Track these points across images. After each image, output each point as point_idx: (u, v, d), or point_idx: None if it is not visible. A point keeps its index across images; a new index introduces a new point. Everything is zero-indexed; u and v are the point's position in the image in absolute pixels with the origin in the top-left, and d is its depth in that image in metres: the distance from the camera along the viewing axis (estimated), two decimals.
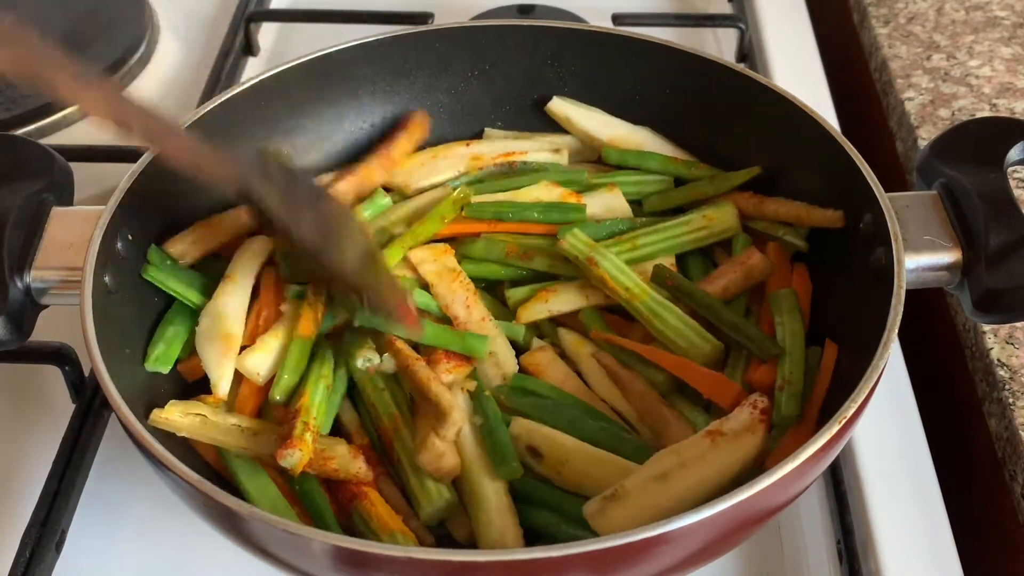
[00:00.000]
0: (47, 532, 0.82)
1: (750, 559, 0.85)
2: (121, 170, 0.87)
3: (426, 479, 0.78)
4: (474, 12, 1.34)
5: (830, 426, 0.67)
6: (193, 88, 1.29)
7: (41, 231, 0.83)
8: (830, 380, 0.81)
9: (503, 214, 0.94)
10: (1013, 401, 0.90)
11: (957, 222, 0.82)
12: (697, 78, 0.98)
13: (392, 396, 0.84)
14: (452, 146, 1.03)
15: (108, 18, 1.34)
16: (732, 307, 0.88)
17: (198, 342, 0.85)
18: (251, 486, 0.78)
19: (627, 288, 0.87)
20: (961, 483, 0.97)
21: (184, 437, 0.79)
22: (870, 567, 0.82)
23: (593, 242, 0.90)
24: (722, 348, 0.84)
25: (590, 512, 0.72)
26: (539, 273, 0.92)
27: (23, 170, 0.86)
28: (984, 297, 0.79)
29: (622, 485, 0.72)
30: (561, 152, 1.02)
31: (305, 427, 0.78)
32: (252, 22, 1.34)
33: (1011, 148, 0.85)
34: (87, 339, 0.75)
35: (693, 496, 0.71)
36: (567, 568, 0.62)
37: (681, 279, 0.88)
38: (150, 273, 0.86)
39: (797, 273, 0.90)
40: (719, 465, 0.74)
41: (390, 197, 0.98)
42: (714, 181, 0.97)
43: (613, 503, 0.71)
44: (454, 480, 0.79)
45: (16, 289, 0.80)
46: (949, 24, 1.32)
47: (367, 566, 0.64)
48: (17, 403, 0.98)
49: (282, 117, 0.99)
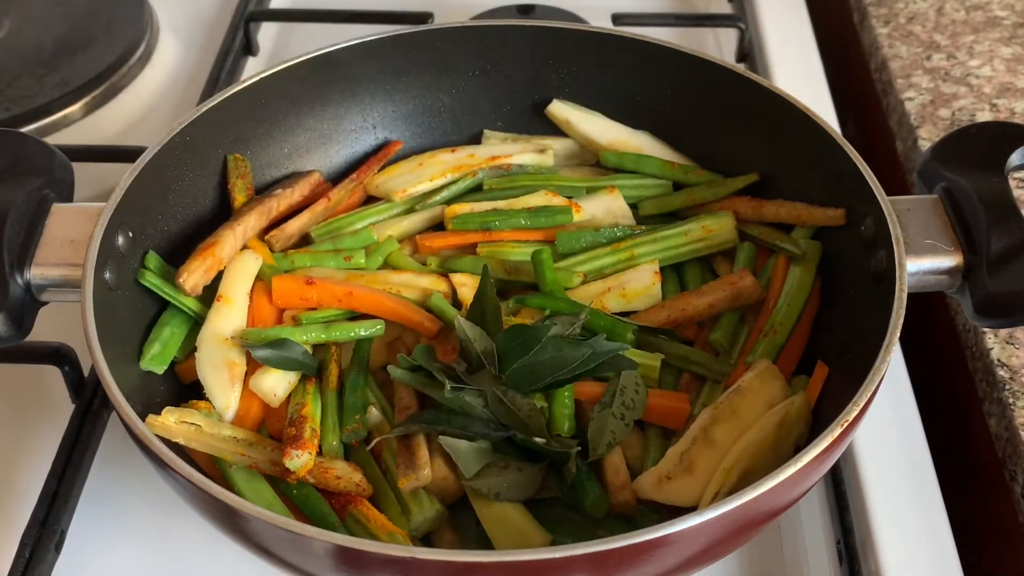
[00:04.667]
0: (47, 532, 0.82)
1: (750, 559, 0.86)
2: (121, 170, 0.87)
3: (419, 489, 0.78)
4: (474, 12, 1.34)
5: (832, 429, 0.67)
6: (193, 88, 1.29)
7: (41, 227, 0.83)
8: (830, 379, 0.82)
9: (490, 224, 0.95)
10: (1013, 401, 0.90)
11: (958, 226, 0.82)
12: (696, 79, 0.99)
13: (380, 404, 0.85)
14: (437, 153, 1.03)
15: (108, 18, 1.34)
16: (725, 316, 0.90)
17: (200, 368, 0.85)
18: (247, 490, 0.78)
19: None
20: (961, 483, 0.97)
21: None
22: (870, 567, 0.82)
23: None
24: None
25: (647, 486, 0.76)
26: (525, 284, 0.93)
27: (23, 166, 0.86)
28: (985, 301, 0.79)
29: (678, 455, 0.77)
30: (546, 153, 1.02)
31: (313, 433, 0.79)
32: (252, 22, 1.34)
33: (1013, 153, 0.86)
34: (88, 335, 0.74)
35: (746, 453, 0.76)
36: (570, 569, 0.62)
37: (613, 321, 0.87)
38: (147, 279, 0.86)
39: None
40: (755, 413, 0.79)
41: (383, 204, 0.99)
42: (712, 186, 0.98)
43: (679, 472, 0.76)
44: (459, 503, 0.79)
45: (16, 285, 0.80)
46: (949, 24, 1.32)
47: (369, 566, 0.64)
48: (17, 403, 0.97)
49: (282, 116, 0.99)
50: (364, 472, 0.80)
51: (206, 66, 1.30)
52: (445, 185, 1.00)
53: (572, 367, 0.79)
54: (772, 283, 0.91)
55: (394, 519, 0.77)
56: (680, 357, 0.87)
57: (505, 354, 0.80)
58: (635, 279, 0.92)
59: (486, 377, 0.78)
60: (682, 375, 0.88)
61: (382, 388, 0.87)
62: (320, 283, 0.88)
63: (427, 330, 0.88)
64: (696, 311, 0.89)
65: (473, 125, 1.06)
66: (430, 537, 0.79)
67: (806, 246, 0.91)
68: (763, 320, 0.88)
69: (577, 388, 0.82)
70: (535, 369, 0.79)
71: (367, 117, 1.04)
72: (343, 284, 0.89)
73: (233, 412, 0.83)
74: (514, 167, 1.01)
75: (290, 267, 0.92)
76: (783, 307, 0.88)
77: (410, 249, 0.97)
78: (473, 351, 0.80)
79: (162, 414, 0.78)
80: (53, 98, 1.22)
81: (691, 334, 0.91)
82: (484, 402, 0.78)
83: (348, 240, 0.95)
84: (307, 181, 1.00)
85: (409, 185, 0.99)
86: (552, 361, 0.79)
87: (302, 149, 1.02)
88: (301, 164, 1.02)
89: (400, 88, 1.04)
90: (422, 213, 0.99)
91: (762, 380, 0.82)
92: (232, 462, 0.79)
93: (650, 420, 0.83)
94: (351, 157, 1.04)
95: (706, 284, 0.91)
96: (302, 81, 0.99)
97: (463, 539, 0.78)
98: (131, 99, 1.28)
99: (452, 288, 0.92)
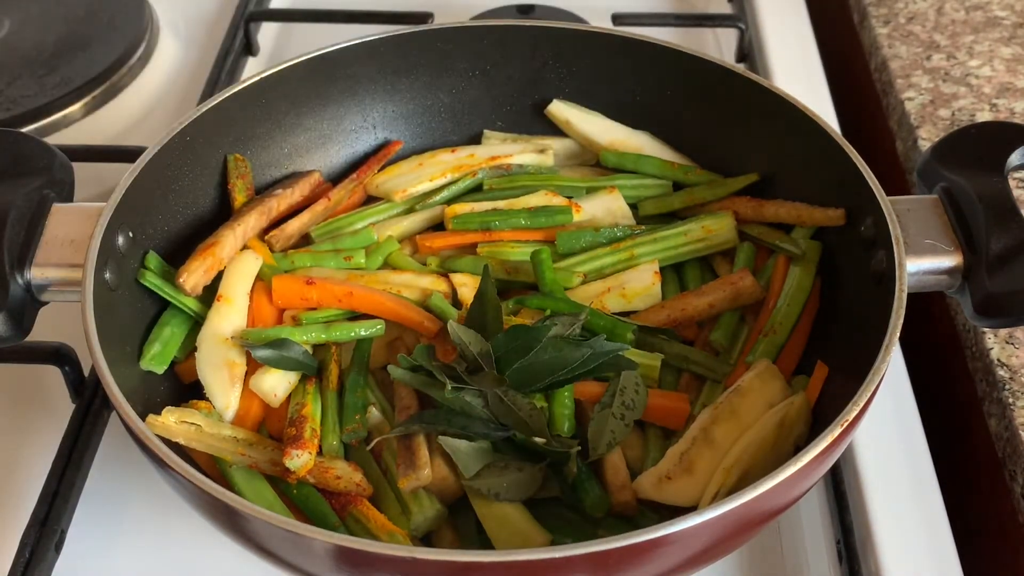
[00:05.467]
0: (47, 532, 0.82)
1: (750, 559, 0.86)
2: (121, 170, 0.87)
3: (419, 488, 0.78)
4: (474, 12, 1.34)
5: (832, 429, 0.67)
6: (193, 88, 1.29)
7: (42, 227, 0.83)
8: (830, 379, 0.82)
9: (490, 224, 0.95)
10: (1013, 401, 0.90)
11: (958, 226, 0.82)
12: (696, 79, 0.99)
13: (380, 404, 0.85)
14: (437, 153, 1.03)
15: (108, 18, 1.34)
16: (725, 316, 0.90)
17: (200, 368, 0.85)
18: (247, 490, 0.78)
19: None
20: (961, 483, 0.97)
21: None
22: (870, 567, 0.82)
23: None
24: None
25: (647, 485, 0.76)
26: (525, 284, 0.93)
27: (23, 166, 0.86)
28: (985, 301, 0.79)
29: (678, 455, 0.77)
30: (546, 153, 1.02)
31: (313, 433, 0.79)
32: (252, 22, 1.34)
33: (1013, 153, 0.86)
34: (88, 335, 0.74)
35: (746, 453, 0.76)
36: (570, 569, 0.62)
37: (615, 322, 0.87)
38: (148, 279, 0.86)
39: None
40: (755, 413, 0.79)
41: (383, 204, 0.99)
42: (712, 186, 0.98)
43: (679, 472, 0.76)
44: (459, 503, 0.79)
45: (16, 285, 0.80)
46: (949, 24, 1.32)
47: (369, 566, 0.64)
48: (17, 403, 0.97)
49: (282, 116, 0.99)
50: (364, 472, 0.80)
51: (206, 66, 1.30)
52: (445, 185, 1.00)
53: (572, 367, 0.79)
54: (772, 283, 0.91)
55: (394, 519, 0.77)
56: (680, 357, 0.87)
57: (505, 354, 0.80)
58: (635, 279, 0.92)
59: (487, 377, 0.78)
60: (682, 375, 0.88)
61: (382, 388, 0.87)
62: (320, 283, 0.88)
63: (427, 330, 0.88)
64: (696, 311, 0.89)
65: (473, 125, 1.06)
66: (430, 537, 0.79)
67: (806, 246, 0.91)
68: (763, 320, 0.88)
69: (577, 388, 0.82)
70: (535, 369, 0.79)
71: (367, 117, 1.04)
72: (343, 284, 0.89)
73: (233, 412, 0.83)
74: (514, 167, 1.01)
75: (290, 267, 0.92)
76: (783, 307, 0.88)
77: (410, 249, 0.97)
78: (470, 354, 0.80)
79: (162, 414, 0.78)
80: (53, 98, 1.22)
81: (691, 334, 0.91)
82: (484, 402, 0.78)
83: (348, 240, 0.95)
84: (307, 181, 1.00)
85: (409, 185, 0.99)
86: (552, 361, 0.79)
87: (302, 149, 1.02)
88: (301, 164, 1.02)
89: (400, 88, 1.04)
90: (422, 213, 0.99)
91: (762, 380, 0.82)
92: (232, 462, 0.79)
93: (650, 420, 0.83)
94: (351, 157, 1.05)
95: (706, 284, 0.91)
96: (302, 81, 0.99)
97: (463, 539, 0.78)
98: (131, 99, 1.28)
99: (452, 288, 0.92)
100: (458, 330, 0.81)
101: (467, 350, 0.80)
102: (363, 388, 0.85)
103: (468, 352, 0.80)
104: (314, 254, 0.93)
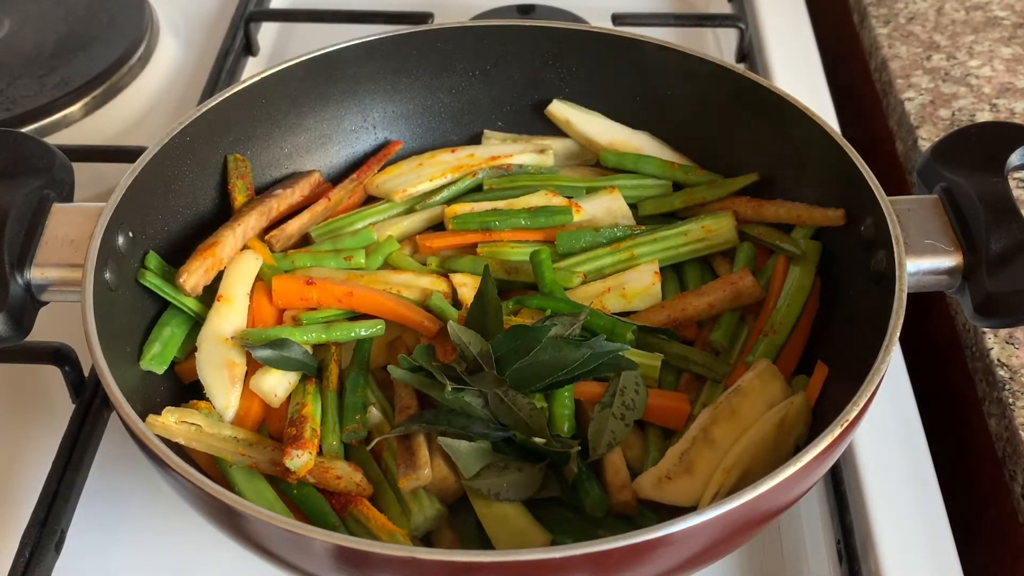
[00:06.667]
0: (47, 532, 0.82)
1: (750, 559, 0.86)
2: (121, 170, 0.87)
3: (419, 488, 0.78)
4: (474, 12, 1.34)
5: (832, 429, 0.68)
6: (193, 88, 1.29)
7: (42, 227, 0.83)
8: (830, 379, 0.82)
9: (490, 224, 0.95)
10: (1013, 401, 0.90)
11: (958, 226, 0.82)
12: (696, 79, 0.99)
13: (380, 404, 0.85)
14: (437, 153, 1.03)
15: (108, 18, 1.34)
16: (725, 316, 0.90)
17: (200, 368, 0.85)
18: (247, 490, 0.78)
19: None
20: (961, 483, 0.97)
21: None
22: (870, 567, 0.82)
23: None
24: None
25: (647, 485, 0.76)
26: (525, 284, 0.93)
27: (23, 166, 0.86)
28: (985, 301, 0.79)
29: (678, 455, 0.77)
30: (546, 153, 1.02)
31: (313, 433, 0.79)
32: (252, 22, 1.34)
33: (1012, 153, 0.86)
34: (88, 335, 0.74)
35: (746, 453, 0.76)
36: (570, 569, 0.62)
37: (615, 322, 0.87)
38: (148, 279, 0.86)
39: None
40: (755, 413, 0.79)
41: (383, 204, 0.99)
42: (712, 186, 0.98)
43: (679, 472, 0.76)
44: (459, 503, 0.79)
45: (17, 285, 0.80)
46: (949, 24, 1.32)
47: (369, 566, 0.64)
48: (17, 403, 0.97)
49: (282, 116, 0.99)
50: (364, 472, 0.80)
51: (206, 66, 1.30)
52: (445, 185, 1.00)
53: (572, 367, 0.79)
54: (772, 283, 0.91)
55: (394, 519, 0.77)
56: (680, 357, 0.87)
57: (505, 355, 0.80)
58: (635, 279, 0.92)
59: (487, 377, 0.78)
60: (682, 375, 0.88)
61: (382, 388, 0.87)
62: (320, 283, 0.88)
63: (427, 330, 0.88)
64: (696, 311, 0.89)
65: (473, 125, 1.06)
66: (430, 537, 0.79)
67: (806, 246, 0.91)
68: (763, 320, 0.89)
69: (577, 388, 0.82)
70: (535, 369, 0.79)
71: (367, 117, 1.04)
72: (343, 284, 0.89)
73: (233, 412, 0.83)
74: (514, 167, 1.01)
75: (290, 267, 0.92)
76: (783, 307, 0.88)
77: (410, 249, 0.97)
78: (470, 355, 0.80)
79: (162, 414, 0.78)
80: (53, 98, 1.23)
81: (691, 334, 0.91)
82: (484, 402, 0.78)
83: (348, 240, 0.95)
84: (307, 181, 1.00)
85: (409, 185, 0.99)
86: (552, 361, 0.79)
87: (302, 149, 1.02)
88: (301, 164, 1.02)
89: (400, 88, 1.04)
90: (422, 213, 0.99)
91: (762, 380, 0.82)
92: (232, 462, 0.79)
93: (650, 420, 0.83)
94: (351, 157, 1.05)
95: (706, 284, 0.91)
96: (302, 81, 0.99)
97: (463, 539, 0.78)
98: (131, 99, 1.28)
99: (452, 288, 0.92)
100: (458, 330, 0.81)
101: (467, 350, 0.80)
102: (363, 388, 0.85)
103: (468, 352, 0.80)
104: (314, 254, 0.93)
